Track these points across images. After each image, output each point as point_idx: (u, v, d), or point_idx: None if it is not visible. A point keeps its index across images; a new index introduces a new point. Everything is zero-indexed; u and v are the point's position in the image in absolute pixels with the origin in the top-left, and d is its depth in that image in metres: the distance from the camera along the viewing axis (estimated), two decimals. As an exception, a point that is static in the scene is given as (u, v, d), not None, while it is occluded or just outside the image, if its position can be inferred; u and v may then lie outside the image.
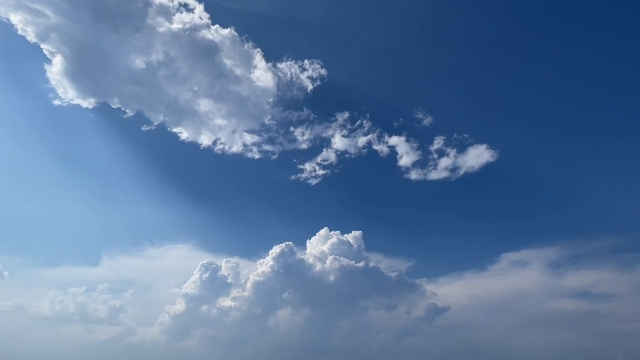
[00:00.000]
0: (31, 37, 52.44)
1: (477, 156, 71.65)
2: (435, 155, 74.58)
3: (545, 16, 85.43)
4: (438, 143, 74.47)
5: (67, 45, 54.69)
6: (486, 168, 72.56)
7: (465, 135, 74.42)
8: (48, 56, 55.68)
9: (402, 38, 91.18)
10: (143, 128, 72.90)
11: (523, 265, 69.75)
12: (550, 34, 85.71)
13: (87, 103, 60.70)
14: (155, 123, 68.68)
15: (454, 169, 72.97)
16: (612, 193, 73.86)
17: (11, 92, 73.29)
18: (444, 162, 73.15)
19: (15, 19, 51.65)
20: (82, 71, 56.98)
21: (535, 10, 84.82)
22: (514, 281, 68.58)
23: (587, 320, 60.27)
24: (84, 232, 78.56)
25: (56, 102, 66.48)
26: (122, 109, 61.57)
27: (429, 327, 58.48)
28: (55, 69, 56.62)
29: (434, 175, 74.19)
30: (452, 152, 73.79)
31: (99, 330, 61.11)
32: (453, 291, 68.15)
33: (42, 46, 54.13)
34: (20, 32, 52.25)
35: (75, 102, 60.80)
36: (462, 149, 74.23)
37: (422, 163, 75.25)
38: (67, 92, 59.71)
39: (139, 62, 58.55)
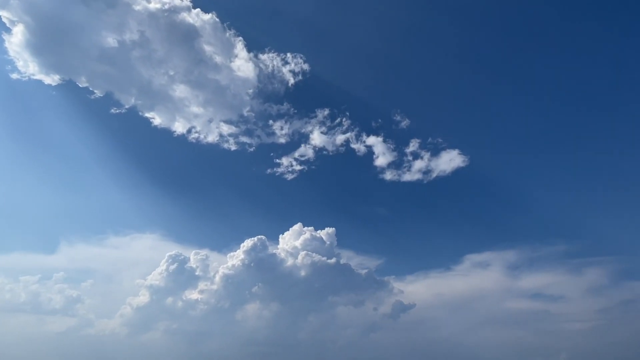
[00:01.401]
0: (-12, 2, 48.10)
1: (450, 160, 74.56)
2: (410, 158, 76.74)
3: (517, 31, 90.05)
4: (414, 145, 76.64)
5: (30, 15, 50.52)
6: (457, 173, 75.74)
7: (440, 140, 77.15)
8: (7, 25, 51.16)
9: (385, 41, 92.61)
10: (112, 110, 68.99)
11: (484, 266, 73.75)
12: (522, 50, 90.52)
13: (51, 79, 56.58)
14: (126, 106, 65.24)
15: (427, 171, 75.47)
16: (566, 201, 79.71)
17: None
18: (418, 164, 75.49)
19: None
20: (46, 44, 52.92)
21: (508, 24, 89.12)
22: (475, 281, 72.42)
23: (538, 319, 64.88)
24: (40, 217, 73.40)
25: (14, 76, 61.29)
26: (90, 88, 57.88)
27: (394, 323, 60.46)
28: (16, 39, 52.14)
29: (407, 177, 76.37)
30: (427, 155, 76.24)
31: (53, 321, 58.08)
32: (419, 289, 70.81)
33: (1, 14, 49.80)
34: (-25, -5, 47.80)
35: (37, 77, 56.46)
36: (435, 152, 76.89)
37: (397, 164, 77.18)
38: (27, 66, 55.27)
39: (111, 40, 55.18)
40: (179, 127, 68.82)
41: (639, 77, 77.99)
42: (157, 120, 66.77)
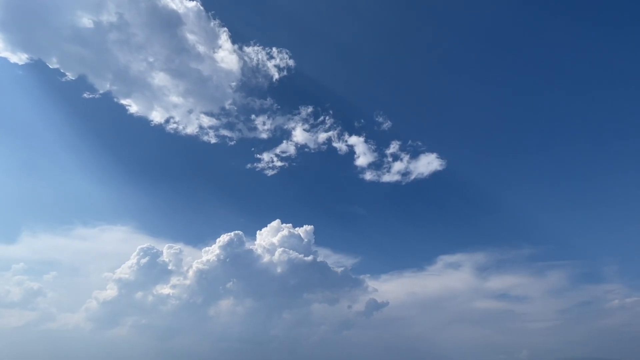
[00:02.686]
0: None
1: (428, 164, 76.90)
2: (390, 159, 78.35)
3: (494, 37, 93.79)
4: (394, 147, 78.31)
5: (-2, -13, 47.32)
6: (434, 176, 78.27)
7: (419, 143, 79.32)
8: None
9: (371, 42, 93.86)
10: (85, 95, 65.98)
11: (456, 267, 76.60)
12: (500, 56, 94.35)
13: (17, 58, 53.21)
14: (101, 91, 62.51)
15: (405, 173, 77.35)
16: (533, 206, 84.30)
17: None
18: (398, 166, 77.27)
19: None
20: (13, 20, 49.70)
21: (493, 33, 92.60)
22: (447, 281, 75.09)
23: (502, 318, 68.26)
24: (1, 204, 69.06)
25: (-24, 51, 57.14)
26: (62, 70, 55.00)
27: (367, 321, 61.68)
28: (-21, 12, 48.66)
29: (387, 178, 77.92)
30: (406, 157, 78.14)
31: (10, 314, 54.85)
32: (393, 288, 72.56)
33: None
34: None
35: (2, 54, 52.98)
36: (415, 155, 79.00)
37: (377, 165, 78.56)
38: (-8, 42, 51.71)
39: (86, 21, 52.55)
40: (157, 117, 66.77)
41: (608, 83, 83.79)
42: (133, 107, 64.48)
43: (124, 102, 62.78)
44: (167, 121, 67.22)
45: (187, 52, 61.72)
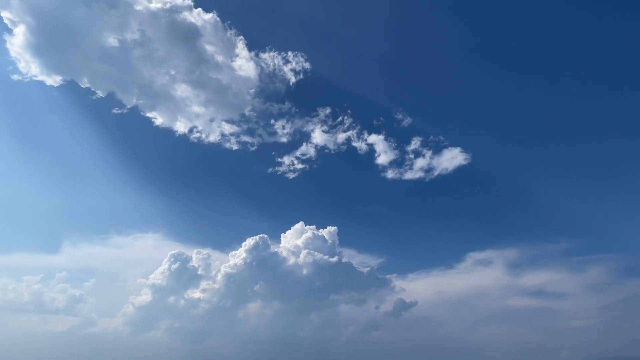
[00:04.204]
0: (-10, 2, 48.30)
1: (452, 158, 74.81)
2: (412, 156, 76.94)
3: (523, 29, 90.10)
4: (415, 144, 76.83)
5: (32, 15, 50.68)
6: (459, 170, 76.03)
7: (442, 138, 77.38)
8: (9, 26, 51.46)
9: (387, 39, 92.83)
10: (114, 111, 69.33)
11: (486, 264, 73.92)
12: (525, 45, 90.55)
13: (52, 80, 56.72)
14: (128, 106, 65.49)
15: (428, 169, 75.68)
16: (568, 199, 79.89)
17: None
18: (420, 162, 75.70)
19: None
20: (47, 45, 53.08)
21: (514, 23, 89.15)
22: (477, 279, 72.60)
23: (539, 316, 65.07)
24: (43, 217, 73.90)
25: (16, 77, 61.63)
26: (92, 89, 58.13)
27: (396, 321, 60.68)
28: (17, 40, 52.35)
29: (409, 175, 76.56)
30: (428, 153, 76.45)
31: (55, 320, 58.42)
32: (420, 287, 71.07)
33: (2, 14, 49.96)
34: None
35: (39, 78, 56.67)
36: (437, 150, 77.11)
37: (398, 162, 77.39)
38: (29, 67, 55.52)
39: (112, 40, 55.33)
40: (181, 127, 69.12)
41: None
42: (158, 120, 67.07)
43: (149, 115, 65.54)
44: (191, 131, 69.51)
45: (206, 63, 63.62)
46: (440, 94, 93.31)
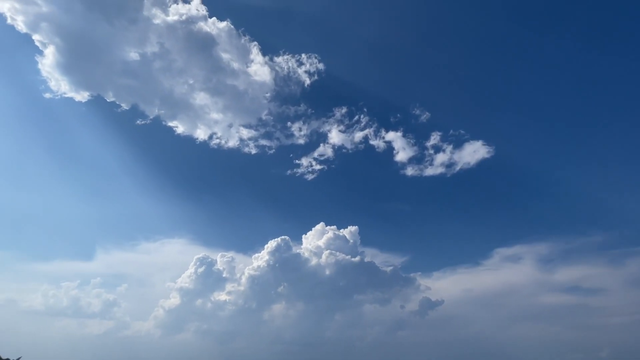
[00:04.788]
0: (21, 27, 51.42)
1: (473, 152, 72.36)
2: (432, 151, 75.14)
3: (542, 16, 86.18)
4: (434, 139, 74.99)
5: (60, 36, 53.69)
6: (482, 164, 73.38)
7: (462, 132, 75.00)
8: (40, 47, 54.74)
9: (400, 34, 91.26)
10: (138, 122, 72.07)
11: (515, 260, 71.00)
12: (546, 31, 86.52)
13: (81, 96, 59.74)
14: (151, 117, 68.02)
15: (450, 164, 73.62)
16: (602, 189, 75.22)
17: (0, 84, 72.31)
18: (440, 157, 73.75)
19: (4, 7, 50.59)
20: (75, 63, 56.06)
21: (532, 10, 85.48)
22: (506, 276, 69.84)
23: (575, 313, 61.68)
24: (77, 226, 77.84)
25: (48, 95, 65.39)
26: (117, 102, 60.72)
27: (422, 321, 59.49)
28: (47, 60, 55.59)
29: (430, 171, 74.82)
30: (449, 148, 74.39)
31: (92, 324, 61.19)
32: (447, 285, 69.20)
33: (33, 37, 53.18)
34: (9, 21, 51.26)
35: (68, 95, 59.82)
36: (458, 145, 74.87)
37: (418, 159, 75.80)
38: (59, 85, 58.70)
39: (133, 55, 57.81)
40: (201, 134, 70.94)
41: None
42: (179, 128, 69.16)
43: (171, 124, 67.65)
44: (210, 137, 71.11)
45: (222, 71, 65.04)
46: (458, 87, 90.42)
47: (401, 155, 74.02)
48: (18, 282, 64.97)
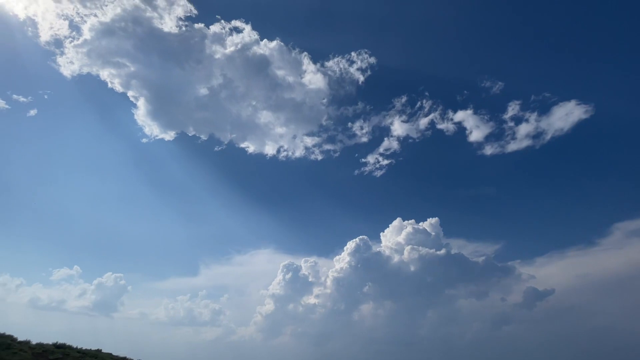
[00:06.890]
0: (118, 87, 62.29)
1: (566, 115, 62.88)
2: (512, 124, 67.48)
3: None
4: (513, 109, 67.31)
5: (147, 88, 63.41)
6: (579, 127, 63.22)
7: (547, 95, 65.66)
8: (133, 101, 65.40)
9: (448, 7, 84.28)
10: (216, 149, 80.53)
11: (643, 234, 59.05)
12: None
13: (169, 136, 69.48)
14: (225, 142, 75.39)
15: (537, 135, 65.10)
16: None
17: (108, 136, 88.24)
18: (524, 129, 65.77)
19: (104, 74, 61.86)
20: (161, 108, 65.46)
21: None
22: (634, 254, 58.50)
23: None
24: (182, 247, 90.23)
25: (144, 140, 77.40)
26: (197, 134, 69.15)
27: (530, 314, 53.72)
28: (140, 111, 66.17)
29: (513, 146, 67.24)
30: (532, 116, 65.92)
31: (205, 331, 69.64)
32: (555, 272, 61.09)
33: (127, 94, 63.77)
34: (109, 85, 62.50)
35: (159, 137, 70.12)
36: (544, 110, 65.77)
37: (496, 135, 68.78)
38: (152, 130, 69.28)
39: (203, 90, 64.98)
40: (269, 150, 75.85)
41: None
42: (250, 148, 75.16)
43: (242, 145, 74.01)
44: (278, 151, 75.57)
45: (279, 87, 68.86)
46: (531, 46, 79.41)
47: (475, 135, 68.25)
48: (145, 298, 77.58)
